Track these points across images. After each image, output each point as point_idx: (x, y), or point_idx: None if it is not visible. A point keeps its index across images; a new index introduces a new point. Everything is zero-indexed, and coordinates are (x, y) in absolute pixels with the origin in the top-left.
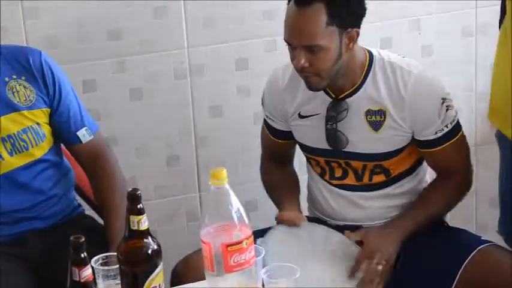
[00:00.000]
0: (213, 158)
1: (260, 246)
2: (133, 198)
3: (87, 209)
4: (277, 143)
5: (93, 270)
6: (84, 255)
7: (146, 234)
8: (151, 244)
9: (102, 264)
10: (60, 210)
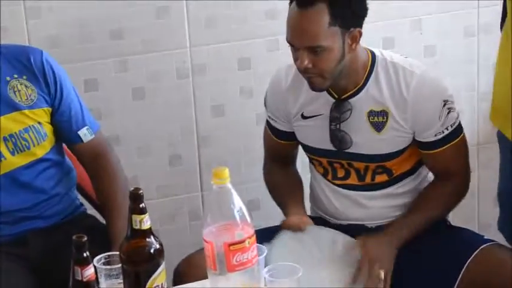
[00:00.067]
0: (215, 157)
1: (262, 245)
2: (136, 197)
3: (89, 208)
4: (280, 144)
5: (95, 269)
6: (86, 255)
7: (148, 233)
8: (153, 243)
9: (105, 263)
10: (61, 210)
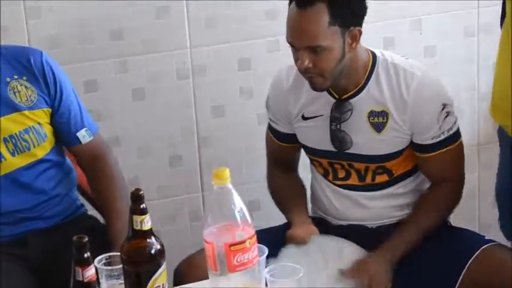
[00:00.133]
0: (216, 158)
1: (263, 246)
2: (136, 198)
3: (90, 209)
4: (282, 147)
5: (96, 270)
6: (87, 255)
7: (149, 234)
8: (154, 244)
9: (106, 264)
10: (62, 210)
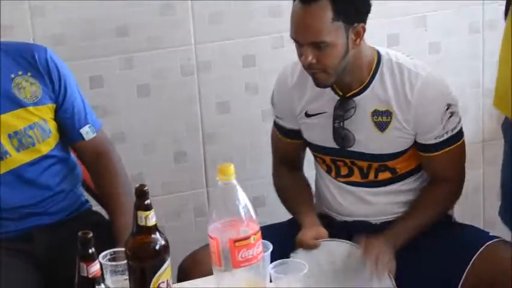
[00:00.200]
0: (221, 154)
1: (267, 242)
2: (141, 194)
3: (95, 204)
4: (288, 144)
5: (101, 265)
6: (92, 251)
7: (154, 230)
8: (159, 240)
9: (110, 259)
10: (67, 206)
